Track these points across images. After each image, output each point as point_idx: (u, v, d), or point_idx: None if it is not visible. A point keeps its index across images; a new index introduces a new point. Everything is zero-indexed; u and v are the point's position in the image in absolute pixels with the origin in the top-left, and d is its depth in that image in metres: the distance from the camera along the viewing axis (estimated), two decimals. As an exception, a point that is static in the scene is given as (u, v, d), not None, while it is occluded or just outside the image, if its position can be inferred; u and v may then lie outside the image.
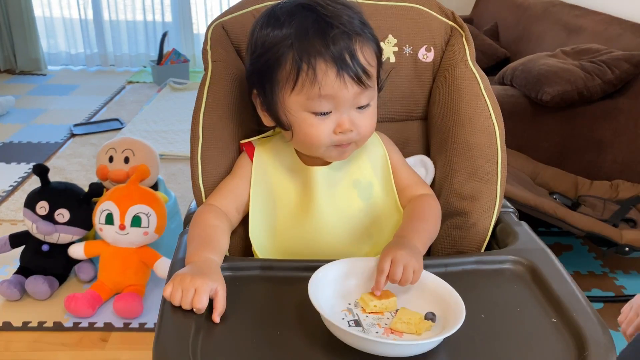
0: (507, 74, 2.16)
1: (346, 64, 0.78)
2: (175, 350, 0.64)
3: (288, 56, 0.79)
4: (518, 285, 0.79)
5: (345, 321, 0.70)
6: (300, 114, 0.82)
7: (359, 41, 0.79)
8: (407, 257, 0.75)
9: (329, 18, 0.78)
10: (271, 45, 0.80)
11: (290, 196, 0.91)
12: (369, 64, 0.80)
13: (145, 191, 1.76)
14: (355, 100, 0.81)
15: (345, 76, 0.78)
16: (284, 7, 0.82)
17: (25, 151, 2.91)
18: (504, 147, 0.96)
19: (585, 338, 0.67)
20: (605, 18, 2.40)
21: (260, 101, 0.87)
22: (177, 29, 4.40)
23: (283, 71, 0.80)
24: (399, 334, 0.69)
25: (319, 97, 0.79)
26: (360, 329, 0.69)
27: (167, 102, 3.59)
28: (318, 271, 0.73)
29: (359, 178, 0.93)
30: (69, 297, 1.69)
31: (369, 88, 0.81)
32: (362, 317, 0.71)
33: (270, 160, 0.92)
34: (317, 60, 0.77)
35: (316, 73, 0.77)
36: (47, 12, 4.39)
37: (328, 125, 0.82)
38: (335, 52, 0.77)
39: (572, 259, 2.06)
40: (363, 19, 0.84)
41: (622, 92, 1.99)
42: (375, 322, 0.71)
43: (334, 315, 0.70)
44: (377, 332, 0.69)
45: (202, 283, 0.70)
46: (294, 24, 0.79)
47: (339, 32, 0.78)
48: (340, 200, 0.91)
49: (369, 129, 0.86)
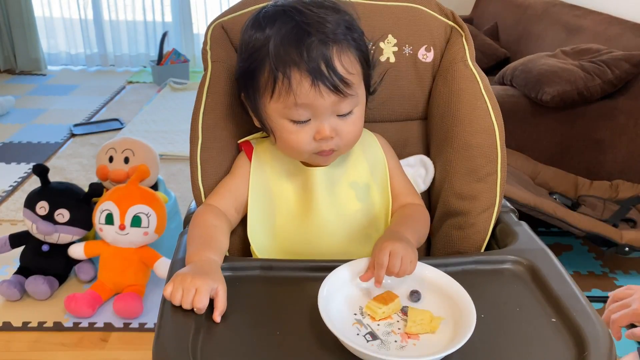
0: (507, 74, 2.16)
1: (321, 73, 0.76)
2: (175, 350, 0.64)
3: (266, 64, 0.78)
4: (518, 285, 0.79)
5: (360, 337, 0.68)
6: (279, 120, 0.82)
7: (336, 49, 0.78)
8: (403, 248, 0.76)
9: (308, 25, 0.77)
10: (253, 51, 0.80)
11: (288, 196, 0.91)
12: (347, 72, 0.79)
13: (145, 191, 1.76)
14: (335, 108, 0.80)
15: (321, 85, 0.77)
16: (268, 11, 0.81)
17: (25, 151, 2.91)
18: (503, 147, 0.96)
19: (585, 338, 0.67)
20: (605, 18, 2.40)
21: (248, 104, 0.87)
22: (177, 29, 4.40)
23: (262, 78, 0.80)
24: (416, 336, 0.69)
25: (295, 106, 0.78)
26: (379, 341, 0.68)
27: (167, 102, 3.59)
28: (323, 287, 0.72)
29: (356, 180, 0.93)
30: (69, 297, 1.69)
31: (350, 96, 0.80)
32: (374, 327, 0.70)
33: (269, 160, 0.92)
34: (292, 70, 0.76)
35: (291, 82, 0.77)
36: (47, 12, 4.39)
37: (307, 133, 0.81)
38: (309, 62, 0.76)
39: (572, 259, 2.06)
40: (351, 23, 0.82)
41: (622, 92, 1.99)
42: (389, 329, 0.70)
43: (347, 331, 0.69)
44: (395, 340, 0.68)
45: (202, 283, 0.70)
46: (273, 30, 0.78)
47: (315, 40, 0.76)
48: (339, 201, 0.91)
49: (352, 135, 0.85)
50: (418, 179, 1.04)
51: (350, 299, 0.75)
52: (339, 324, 0.68)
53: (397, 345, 0.67)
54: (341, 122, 0.82)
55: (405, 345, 0.67)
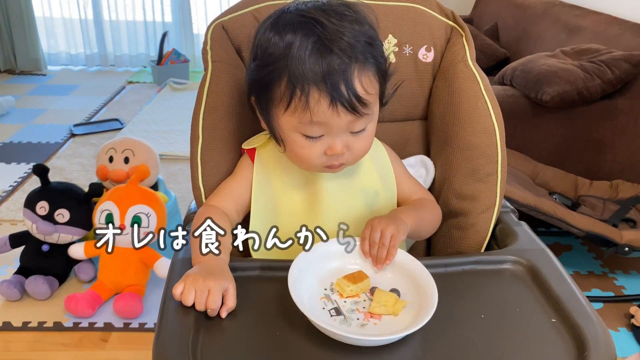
0: (507, 74, 2.16)
1: (340, 94, 0.75)
2: (175, 350, 0.64)
3: (284, 76, 0.76)
4: (518, 285, 0.79)
5: (326, 311, 0.72)
6: (291, 134, 0.80)
7: (357, 69, 0.76)
8: (384, 222, 0.79)
9: (330, 41, 0.74)
10: (270, 59, 0.78)
11: (293, 199, 0.90)
12: (366, 92, 0.77)
13: (145, 191, 1.76)
14: (350, 126, 0.79)
15: (339, 105, 0.75)
16: (289, 17, 0.78)
17: (25, 151, 2.91)
18: (503, 147, 0.96)
19: (585, 338, 0.67)
20: (605, 18, 2.40)
21: (258, 109, 0.86)
22: (177, 29, 4.40)
23: (278, 90, 0.78)
24: (378, 317, 0.72)
25: (311, 123, 0.77)
26: (342, 317, 0.71)
27: (167, 102, 3.59)
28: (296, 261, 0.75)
29: (365, 186, 0.92)
30: (69, 297, 1.69)
31: (366, 115, 0.79)
32: (340, 303, 0.73)
33: (272, 162, 0.92)
34: (311, 88, 0.74)
35: (308, 100, 0.75)
36: (47, 12, 4.39)
37: (319, 148, 0.81)
38: (329, 81, 0.74)
39: (572, 259, 2.06)
40: (372, 36, 0.79)
41: (622, 92, 1.99)
42: (354, 307, 0.73)
43: (314, 304, 0.73)
44: (357, 318, 0.71)
45: (215, 283, 0.70)
46: (295, 41, 0.75)
47: (337, 59, 0.74)
48: (345, 206, 0.90)
49: (363, 151, 0.85)
50: (418, 179, 1.04)
51: (323, 275, 0.78)
52: (306, 297, 0.72)
53: (358, 322, 0.70)
54: (353, 138, 0.81)
55: (367, 324, 0.70)
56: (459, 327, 0.70)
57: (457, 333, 0.69)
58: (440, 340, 0.68)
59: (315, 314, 0.68)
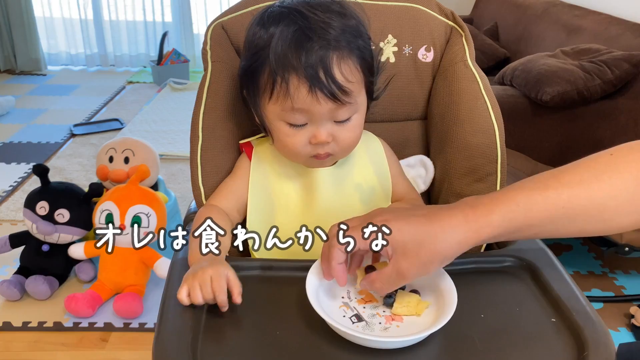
0: (507, 74, 2.16)
1: (319, 80, 0.75)
2: (175, 350, 0.64)
3: (266, 65, 0.78)
4: (518, 285, 0.79)
5: (347, 319, 0.71)
6: (276, 122, 0.82)
7: (337, 56, 0.77)
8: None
9: (310, 30, 0.76)
10: (255, 50, 0.80)
11: (290, 196, 0.90)
12: (347, 80, 0.77)
13: (145, 191, 1.76)
14: (332, 115, 0.80)
15: (318, 92, 0.76)
16: (274, 11, 0.80)
17: (25, 151, 2.91)
18: (503, 147, 0.96)
19: (585, 338, 0.67)
20: (605, 18, 2.40)
21: (248, 100, 0.87)
22: (177, 29, 4.40)
23: (262, 79, 0.80)
24: (400, 319, 0.71)
25: (292, 110, 0.78)
26: (364, 323, 0.70)
27: (167, 102, 3.59)
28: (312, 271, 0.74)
29: (361, 182, 0.93)
30: (69, 297, 1.69)
31: (348, 104, 0.79)
32: (360, 309, 0.73)
33: (269, 159, 0.92)
34: (290, 74, 0.76)
35: (289, 87, 0.76)
36: (47, 12, 4.39)
37: (304, 136, 0.81)
38: (308, 68, 0.75)
39: (572, 259, 2.06)
40: (357, 28, 0.80)
41: (622, 92, 1.99)
42: (374, 311, 0.72)
43: (333, 314, 0.71)
44: (379, 322, 0.70)
45: (214, 271, 0.70)
46: (276, 32, 0.77)
47: (316, 45, 0.75)
48: (342, 202, 0.90)
49: (350, 141, 0.85)
50: (418, 179, 1.04)
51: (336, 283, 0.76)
52: (326, 307, 0.70)
53: (381, 326, 0.70)
54: (338, 127, 0.82)
55: (389, 327, 0.70)
56: (458, 327, 0.70)
57: (456, 333, 0.69)
58: (440, 340, 0.68)
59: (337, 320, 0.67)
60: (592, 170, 0.62)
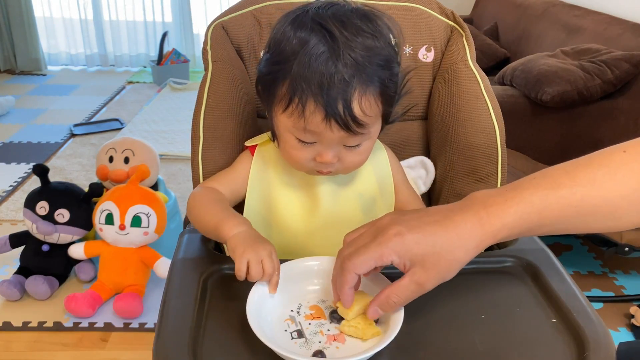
0: (507, 74, 2.16)
1: (335, 111, 0.73)
2: (175, 350, 0.64)
3: (287, 79, 0.75)
4: (518, 285, 0.79)
5: (288, 333, 0.68)
6: (286, 133, 0.80)
7: (359, 90, 0.74)
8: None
9: (337, 56, 0.72)
10: (279, 59, 0.77)
11: (289, 198, 0.90)
12: (364, 114, 0.75)
13: (145, 191, 1.76)
14: (343, 141, 0.78)
15: (333, 121, 0.74)
16: (307, 19, 0.76)
17: (25, 151, 2.91)
18: (504, 147, 0.96)
19: (585, 338, 0.67)
20: (605, 18, 2.40)
21: (262, 98, 0.85)
22: (177, 29, 4.40)
23: (280, 90, 0.77)
24: (342, 340, 0.68)
25: (304, 130, 0.77)
26: (304, 339, 0.67)
27: (167, 102, 3.59)
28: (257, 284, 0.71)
29: (362, 192, 0.92)
30: (69, 297, 1.69)
31: (360, 134, 0.77)
32: (304, 325, 0.70)
33: (272, 160, 0.91)
34: (309, 98, 0.73)
35: (304, 109, 0.74)
36: (47, 12, 4.39)
37: (310, 152, 0.80)
38: (327, 97, 0.73)
39: (572, 259, 2.06)
40: (387, 58, 0.76)
41: (622, 92, 2.00)
42: (317, 329, 0.69)
43: (276, 327, 0.69)
44: (319, 341, 0.67)
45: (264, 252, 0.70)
46: (305, 45, 0.73)
47: (339, 75, 0.72)
48: (343, 211, 0.90)
49: (355, 164, 0.84)
50: (418, 181, 1.03)
51: (293, 295, 0.73)
52: (274, 318, 0.69)
53: (320, 345, 0.67)
54: (346, 151, 0.80)
55: (328, 347, 0.66)
56: (458, 327, 0.70)
57: (456, 333, 0.69)
58: (440, 340, 0.68)
59: (274, 336, 0.65)
60: (605, 168, 0.61)
